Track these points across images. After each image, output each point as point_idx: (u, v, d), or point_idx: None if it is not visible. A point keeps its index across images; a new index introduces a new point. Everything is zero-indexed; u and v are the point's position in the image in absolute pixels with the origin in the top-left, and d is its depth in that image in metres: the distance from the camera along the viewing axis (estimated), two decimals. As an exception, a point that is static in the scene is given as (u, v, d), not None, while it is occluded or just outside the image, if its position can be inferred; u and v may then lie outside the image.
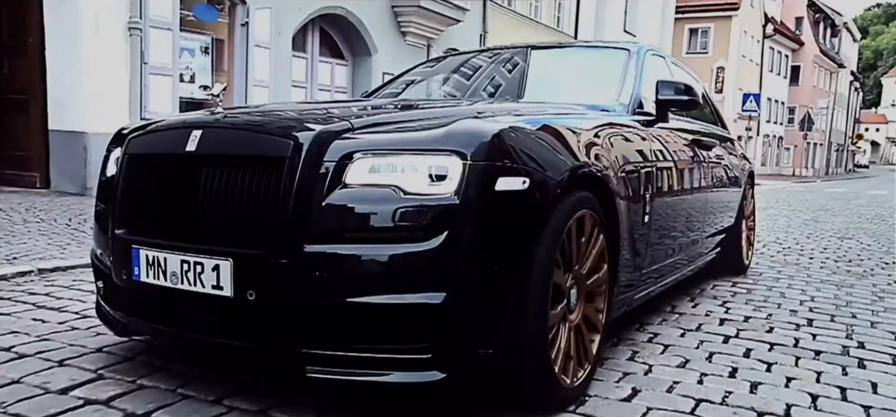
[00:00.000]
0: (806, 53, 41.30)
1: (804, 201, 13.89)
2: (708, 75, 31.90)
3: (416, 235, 1.62)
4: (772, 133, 38.82)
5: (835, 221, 9.24)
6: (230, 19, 9.06)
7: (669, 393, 2.20)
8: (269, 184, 1.70)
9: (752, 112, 25.12)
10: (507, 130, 1.79)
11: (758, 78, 34.83)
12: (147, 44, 7.61)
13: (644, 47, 3.37)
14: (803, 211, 10.84)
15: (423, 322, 1.64)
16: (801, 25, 41.20)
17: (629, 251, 2.46)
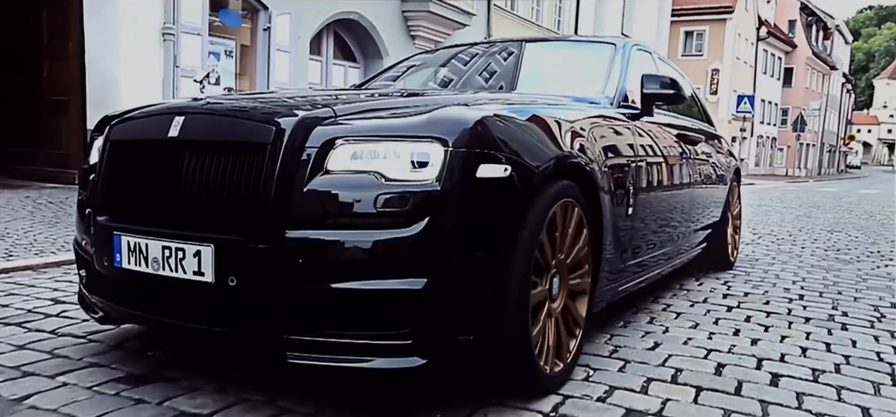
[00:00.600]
0: (799, 55, 42.02)
1: (797, 199, 14.43)
2: (703, 77, 32.49)
3: (397, 221, 1.62)
4: (765, 134, 39.46)
5: (825, 217, 9.76)
6: (253, 24, 9.52)
7: (685, 345, 2.68)
8: (251, 170, 1.70)
9: (746, 113, 25.68)
10: (489, 118, 1.79)
11: (752, 80, 35.47)
12: (179, 48, 8.07)
13: (630, 42, 3.38)
14: (796, 208, 11.36)
15: (405, 308, 1.64)
16: (794, 28, 41.91)
17: (613, 243, 2.47)
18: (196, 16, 8.28)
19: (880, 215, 10.70)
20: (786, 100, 41.52)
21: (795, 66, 42.18)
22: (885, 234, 7.62)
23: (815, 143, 47.17)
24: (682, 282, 3.99)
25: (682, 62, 31.67)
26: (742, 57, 34.39)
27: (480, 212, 1.72)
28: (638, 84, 2.99)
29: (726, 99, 31.84)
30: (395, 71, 3.76)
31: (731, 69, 32.79)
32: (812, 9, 44.11)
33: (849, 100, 63.16)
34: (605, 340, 2.68)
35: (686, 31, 32.56)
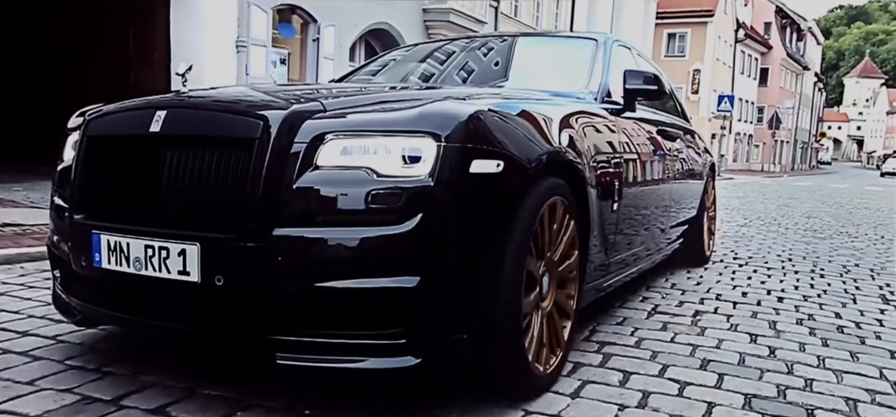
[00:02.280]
0: (774, 57, 44.00)
1: (775, 192, 15.97)
2: (685, 77, 34.15)
3: (389, 218, 1.58)
4: (743, 131, 41.34)
5: (802, 207, 11.23)
6: (303, 36, 10.71)
7: (704, 291, 4.00)
8: (238, 166, 1.64)
9: (725, 112, 27.32)
10: (482, 112, 1.75)
11: (730, 79, 37.25)
12: (249, 58, 9.23)
13: (611, 37, 3.37)
14: (776, 200, 12.84)
15: (397, 306, 1.59)
16: (770, 30, 43.87)
17: (599, 238, 2.46)
18: (262, 30, 9.45)
19: (848, 205, 12.23)
20: (762, 99, 43.49)
21: (771, 67, 44.19)
22: (851, 219, 9.08)
23: (789, 140, 49.33)
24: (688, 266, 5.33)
25: (665, 62, 33.28)
26: (721, 58, 36.15)
27: (473, 208, 1.69)
28: (620, 80, 2.97)
29: (707, 98, 33.56)
30: (377, 64, 3.68)
31: (712, 69, 34.52)
32: (786, 12, 46.13)
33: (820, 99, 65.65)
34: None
35: (669, 32, 34.14)
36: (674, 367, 2.35)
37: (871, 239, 6.77)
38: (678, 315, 3.14)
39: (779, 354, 2.58)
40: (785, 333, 2.90)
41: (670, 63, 33.81)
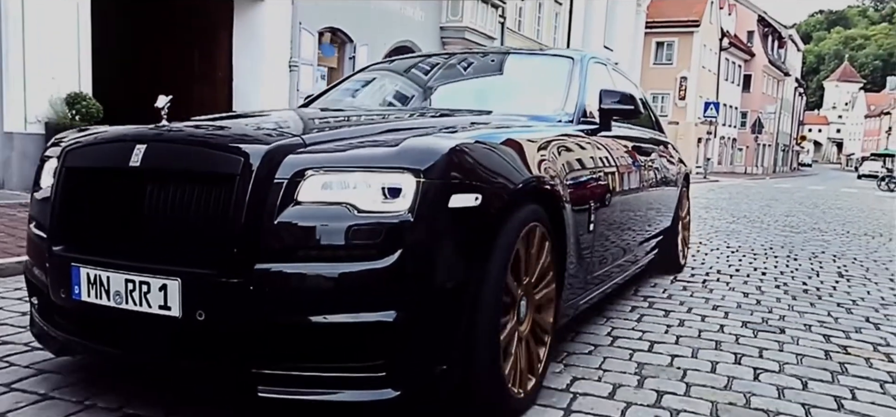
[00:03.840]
0: (756, 63, 45.79)
1: (758, 194, 17.41)
2: (673, 84, 35.73)
3: (369, 253, 1.60)
4: (727, 135, 43.03)
5: (782, 207, 12.65)
6: (340, 54, 11.95)
7: (707, 269, 5.32)
8: (219, 202, 1.65)
9: (711, 118, 28.86)
10: (459, 147, 1.76)
11: (715, 86, 38.89)
12: (300, 76, 10.46)
13: (587, 55, 3.37)
14: (758, 200, 14.26)
15: (377, 340, 1.63)
16: (752, 38, 45.64)
17: (575, 259, 2.48)
18: (310, 51, 10.68)
19: (824, 205, 13.69)
20: (745, 104, 45.23)
21: (753, 73, 45.97)
22: (824, 218, 10.49)
23: (771, 143, 51.17)
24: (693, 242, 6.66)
25: (654, 70, 34.88)
26: (707, 65, 37.77)
27: (452, 242, 1.71)
28: (596, 98, 2.98)
29: (693, 103, 35.13)
30: (352, 83, 3.67)
31: (698, 77, 36.12)
32: (768, 20, 47.94)
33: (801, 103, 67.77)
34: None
35: (657, 41, 35.66)
36: (694, 310, 3.66)
37: (838, 234, 8.16)
38: (691, 281, 4.45)
39: (763, 303, 3.90)
40: (766, 292, 4.22)
41: (659, 71, 35.42)
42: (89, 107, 6.92)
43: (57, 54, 6.88)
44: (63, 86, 6.86)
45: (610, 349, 2.83)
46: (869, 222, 10.30)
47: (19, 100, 6.67)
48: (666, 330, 3.18)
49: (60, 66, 6.92)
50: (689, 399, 2.30)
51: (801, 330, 3.33)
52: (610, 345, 2.88)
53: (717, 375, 2.57)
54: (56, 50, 6.87)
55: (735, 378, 2.54)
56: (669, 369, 2.61)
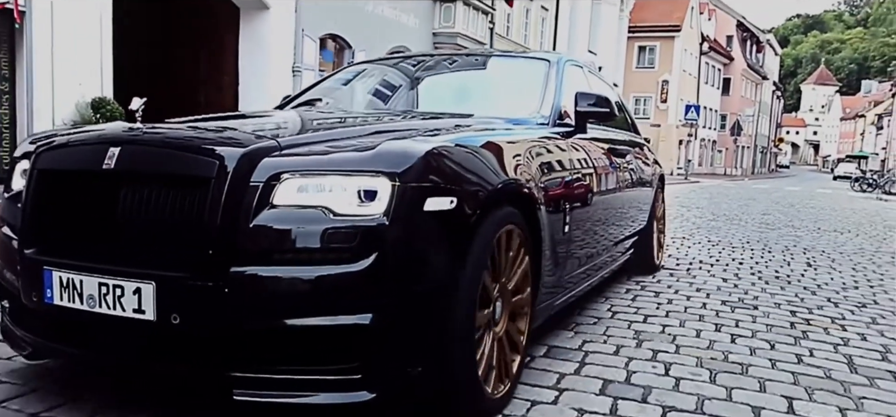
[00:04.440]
0: (735, 67, 46.90)
1: (737, 194, 18.13)
2: (655, 87, 36.58)
3: (344, 256, 1.61)
4: (707, 137, 44.02)
5: (759, 206, 13.32)
6: (339, 59, 12.42)
7: (690, 259, 5.88)
8: (194, 205, 1.65)
9: (692, 120, 29.68)
10: (435, 150, 1.78)
11: (696, 89, 39.84)
12: (301, 81, 10.91)
13: (563, 57, 3.37)
14: (737, 200, 14.95)
15: (352, 342, 1.64)
16: (732, 43, 46.74)
17: (551, 260, 2.49)
18: (312, 56, 11.15)
19: (798, 205, 14.40)
20: (724, 107, 46.31)
21: (732, 77, 47.08)
22: (798, 216, 11.16)
23: (750, 145, 52.37)
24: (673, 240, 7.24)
25: (636, 73, 35.67)
26: (687, 69, 38.69)
27: (428, 245, 1.73)
28: (572, 101, 3.00)
29: (675, 106, 36.00)
30: (330, 84, 3.68)
31: (679, 80, 37.00)
32: (747, 26, 49.11)
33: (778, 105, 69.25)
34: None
35: (640, 46, 36.49)
36: (681, 292, 4.20)
37: (809, 230, 8.79)
38: (677, 269, 5.00)
39: (739, 286, 4.45)
40: (743, 278, 4.78)
41: (641, 74, 36.23)
42: (112, 110, 7.33)
43: (82, 61, 7.29)
44: (88, 92, 7.27)
45: (611, 320, 3.35)
46: (839, 220, 10.98)
47: (47, 105, 7.06)
48: (657, 307, 3.72)
49: (86, 72, 7.32)
50: (678, 355, 2.83)
51: (771, 307, 3.88)
52: (611, 318, 3.41)
53: (701, 339, 3.10)
54: (81, 57, 7.28)
55: (715, 341, 3.07)
56: (662, 335, 3.14)
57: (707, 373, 2.61)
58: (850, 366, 2.80)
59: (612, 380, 2.48)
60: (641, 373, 2.57)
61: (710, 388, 2.44)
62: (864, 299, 4.27)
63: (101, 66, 7.44)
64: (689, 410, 2.22)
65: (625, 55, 31.40)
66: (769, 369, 2.71)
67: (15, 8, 6.59)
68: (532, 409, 2.14)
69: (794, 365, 2.78)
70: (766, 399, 2.35)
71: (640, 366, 2.66)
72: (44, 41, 6.89)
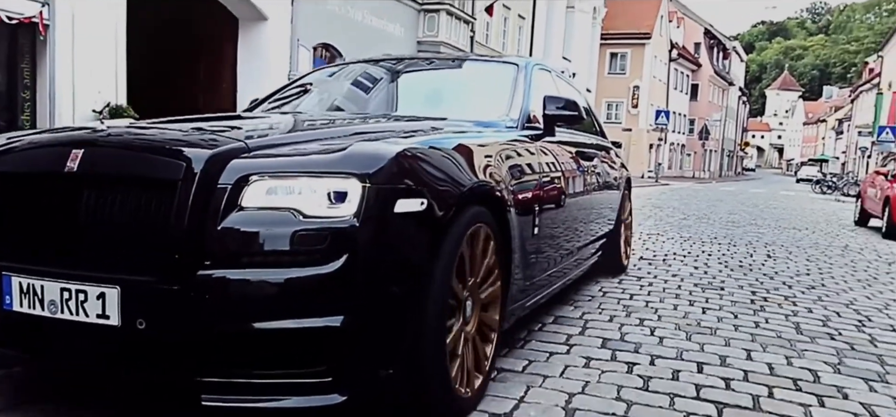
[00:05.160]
0: (703, 74, 48.38)
1: (705, 196, 19.07)
2: (626, 93, 37.67)
3: (314, 258, 1.60)
4: (676, 141, 45.33)
5: (726, 206, 14.19)
6: (330, 66, 12.98)
7: (665, 251, 6.59)
8: (160, 208, 1.63)
9: (662, 125, 30.74)
10: (406, 152, 1.79)
11: (665, 95, 41.08)
12: (297, 87, 11.44)
13: (531, 62, 3.41)
14: (706, 201, 15.83)
15: (323, 345, 1.63)
16: (699, 50, 48.20)
17: (521, 261, 2.52)
18: (306, 65, 11.66)
19: (762, 205, 15.33)
20: (692, 112, 47.71)
21: (700, 83, 48.55)
22: (762, 216, 12.01)
23: (717, 149, 53.96)
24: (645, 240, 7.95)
25: (608, 79, 36.71)
26: (658, 75, 39.91)
27: (398, 247, 1.73)
28: (540, 104, 3.04)
29: (645, 111, 37.13)
30: (300, 86, 3.64)
31: (649, 86, 38.16)
32: (714, 33, 50.68)
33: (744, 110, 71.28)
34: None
35: (611, 52, 37.54)
36: (659, 277, 4.87)
37: (771, 228, 9.60)
38: (654, 259, 5.68)
39: (708, 273, 5.15)
40: (711, 267, 5.48)
41: (613, 80, 37.29)
42: (129, 116, 7.78)
43: (100, 70, 7.74)
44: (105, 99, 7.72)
45: (603, 298, 4.00)
46: (798, 219, 11.87)
47: (68, 112, 7.50)
48: (640, 288, 4.39)
49: (103, 81, 7.77)
50: (660, 322, 3.48)
51: (735, 288, 4.57)
52: (603, 296, 4.05)
53: (678, 311, 3.77)
54: (99, 66, 7.73)
55: (689, 312, 3.74)
56: (645, 308, 3.80)
57: (684, 334, 3.27)
58: (796, 329, 3.49)
59: (610, 338, 3.12)
60: (632, 334, 3.22)
61: (686, 344, 3.09)
62: (813, 283, 4.99)
63: (116, 74, 7.89)
64: (672, 357, 2.87)
65: (597, 61, 32.36)
66: (733, 331, 3.38)
67: (40, 21, 7.02)
68: (551, 358, 2.77)
69: (753, 329, 3.45)
70: (729, 351, 3.01)
71: (630, 329, 3.30)
72: (65, 52, 7.33)
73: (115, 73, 7.90)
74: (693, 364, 2.79)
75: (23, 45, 7.24)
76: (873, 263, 6.45)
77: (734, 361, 2.86)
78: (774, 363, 2.86)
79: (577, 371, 2.62)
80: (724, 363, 2.83)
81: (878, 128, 25.84)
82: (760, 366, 2.81)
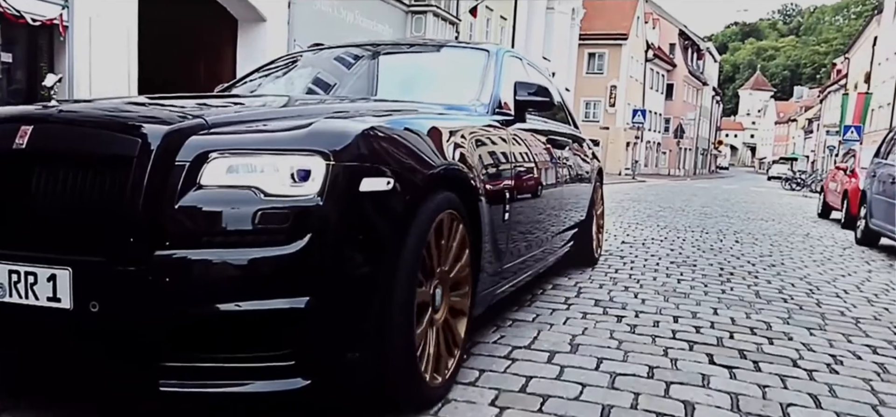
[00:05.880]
0: (678, 74, 49.58)
1: (680, 192, 19.90)
2: (604, 92, 38.58)
3: (277, 238, 1.56)
4: (652, 140, 46.44)
5: (699, 201, 14.98)
6: (323, 66, 13.46)
7: (644, 238, 7.25)
8: (114, 186, 1.58)
9: (639, 123, 31.65)
10: (371, 130, 1.76)
11: (641, 94, 42.10)
12: (293, 86, 11.91)
13: (502, 49, 3.39)
14: (681, 196, 16.62)
15: (286, 328, 1.59)
16: (674, 51, 49.39)
17: (491, 248, 2.49)
18: (301, 64, 12.16)
19: (733, 200, 16.17)
20: (668, 111, 48.89)
21: (675, 83, 49.75)
22: (733, 209, 12.79)
23: (692, 147, 55.26)
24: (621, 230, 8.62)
25: (587, 79, 37.56)
26: (634, 75, 40.91)
27: (364, 227, 1.69)
28: (511, 90, 3.02)
29: (622, 110, 38.09)
30: (271, 70, 3.57)
31: (626, 85, 39.13)
32: (688, 34, 51.95)
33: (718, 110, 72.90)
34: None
35: (589, 52, 38.40)
36: (638, 258, 5.50)
37: (741, 219, 10.34)
38: (634, 244, 6.33)
39: (682, 254, 5.80)
40: (685, 250, 6.14)
41: (591, 79, 38.17)
42: (142, 114, 8.22)
43: (114, 71, 8.18)
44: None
45: (592, 271, 4.62)
46: (767, 212, 12.67)
47: (85, 108, 7.91)
48: (623, 264, 5.02)
49: (117, 80, 8.21)
50: (642, 289, 4.10)
51: (706, 265, 5.23)
52: (592, 270, 4.67)
53: (657, 281, 4.39)
54: (113, 67, 8.17)
55: (667, 282, 4.37)
56: (629, 279, 4.42)
57: (662, 298, 3.89)
58: (756, 295, 4.13)
59: (601, 300, 3.73)
60: (619, 297, 3.84)
61: (664, 304, 3.71)
62: (774, 262, 5.67)
63: (129, 74, 8.32)
64: (652, 313, 3.48)
65: (576, 61, 33.16)
66: (703, 296, 4.01)
67: (60, 23, 7.44)
68: (554, 313, 3.36)
69: (720, 294, 4.09)
70: (700, 309, 3.64)
71: (617, 294, 3.92)
72: (83, 52, 7.74)
73: (128, 74, 8.34)
74: (670, 317, 3.41)
75: (42, 45, 7.64)
76: (829, 248, 7.17)
77: (703, 316, 3.49)
78: (736, 317, 3.50)
79: (577, 321, 3.22)
80: (694, 317, 3.45)
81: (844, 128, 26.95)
82: (724, 320, 3.43)
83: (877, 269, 5.73)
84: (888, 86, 31.23)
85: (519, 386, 2.28)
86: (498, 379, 2.34)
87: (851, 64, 41.86)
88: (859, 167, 9.75)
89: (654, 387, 2.35)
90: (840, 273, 5.33)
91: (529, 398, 2.18)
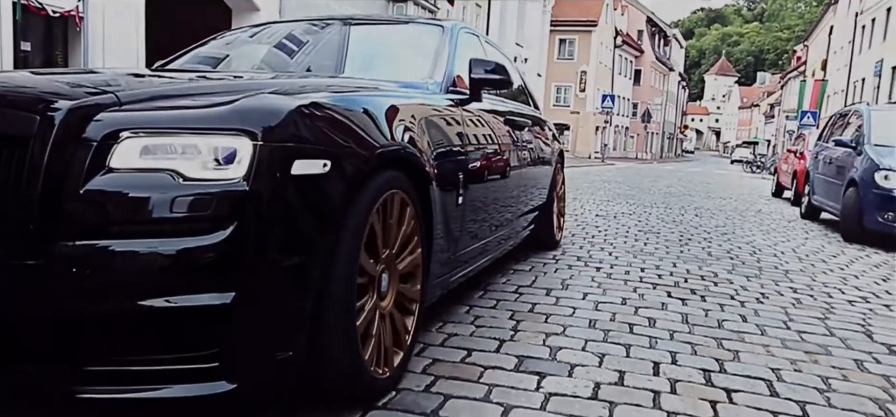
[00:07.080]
0: (645, 60, 50.93)
1: (648, 174, 20.96)
2: (574, 77, 39.61)
3: (198, 227, 1.42)
4: (620, 124, 47.76)
5: (665, 182, 16.00)
6: (311, 53, 14.03)
7: (615, 213, 8.13)
8: (10, 169, 1.41)
9: (608, 108, 32.72)
10: (304, 108, 1.61)
11: (610, 80, 43.25)
12: (284, 73, 12.48)
13: (458, 24, 3.28)
14: (647, 178, 17.64)
15: (209, 326, 1.45)
16: (642, 37, 50.70)
17: (444, 233, 2.39)
18: (292, 51, 12.72)
19: (697, 181, 17.24)
20: (636, 97, 50.25)
21: (643, 69, 51.12)
22: (696, 189, 13.80)
23: (658, 132, 56.83)
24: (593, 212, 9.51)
25: (558, 64, 38.52)
26: (603, 61, 42.02)
27: (296, 214, 1.56)
28: (466, 68, 2.89)
29: (592, 95, 39.19)
30: (211, 47, 3.36)
31: (596, 71, 40.22)
32: (655, 21, 53.27)
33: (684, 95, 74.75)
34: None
35: (560, 38, 39.36)
36: (610, 228, 6.36)
37: (702, 197, 11.32)
38: (606, 218, 7.19)
39: (648, 224, 6.68)
40: (651, 221, 7.02)
41: (562, 65, 39.15)
42: (151, 100, 8.78)
43: (125, 59, 8.71)
44: (130, 84, 8.70)
45: (571, 237, 5.45)
46: (726, 191, 13.71)
47: (98, 94, 8.44)
48: (597, 232, 5.88)
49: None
50: (615, 249, 4.94)
51: (669, 233, 6.10)
52: (571, 236, 5.50)
53: (626, 244, 5.24)
54: (124, 55, 8.71)
55: (635, 244, 5.22)
56: (604, 242, 5.26)
57: (631, 255, 4.73)
58: (708, 254, 5.00)
59: (581, 256, 4.56)
60: (596, 254, 4.67)
61: (633, 260, 4.55)
62: (727, 231, 6.58)
63: (138, 63, 8.84)
64: (624, 265, 4.32)
65: (548, 48, 34.06)
66: (665, 254, 4.87)
67: (77, 15, 7.95)
68: (545, 265, 4.16)
69: (679, 253, 4.95)
70: (662, 263, 4.48)
71: (594, 253, 4.75)
72: (97, 42, 8.25)
73: (137, 63, 8.86)
74: (638, 269, 4.25)
75: (57, 35, 8.13)
76: (777, 221, 8.14)
77: (665, 268, 4.34)
78: (690, 269, 4.35)
79: (565, 270, 4.04)
80: (657, 268, 4.30)
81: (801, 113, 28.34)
82: (681, 270, 4.29)
83: (813, 237, 6.68)
84: (842, 73, 32.81)
85: (527, 308, 3.09)
86: (511, 304, 3.14)
87: (810, 51, 43.58)
88: (808, 150, 10.77)
89: (627, 310, 3.18)
90: (781, 239, 6.25)
91: (537, 315, 2.99)
